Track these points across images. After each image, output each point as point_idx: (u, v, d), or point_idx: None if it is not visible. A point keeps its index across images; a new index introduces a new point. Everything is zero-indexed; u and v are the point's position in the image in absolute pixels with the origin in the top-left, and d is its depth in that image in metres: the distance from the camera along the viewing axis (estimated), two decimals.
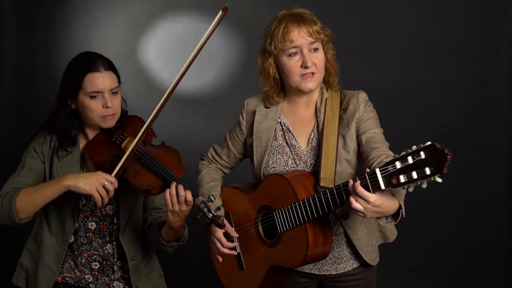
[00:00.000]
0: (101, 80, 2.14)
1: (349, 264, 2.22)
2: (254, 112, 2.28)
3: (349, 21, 3.89)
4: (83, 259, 2.25)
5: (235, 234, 2.18)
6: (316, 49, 2.11)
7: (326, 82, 2.23)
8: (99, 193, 2.02)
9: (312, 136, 2.20)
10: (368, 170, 1.86)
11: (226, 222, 2.13)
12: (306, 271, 2.23)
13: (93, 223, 2.24)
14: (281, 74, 2.19)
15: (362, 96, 2.18)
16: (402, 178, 1.74)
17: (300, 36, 2.09)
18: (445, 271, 4.03)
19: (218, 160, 2.40)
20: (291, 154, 2.21)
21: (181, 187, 2.03)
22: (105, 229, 2.25)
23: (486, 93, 4.00)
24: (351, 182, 1.85)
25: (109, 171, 2.09)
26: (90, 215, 2.22)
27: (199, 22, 4.04)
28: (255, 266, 2.24)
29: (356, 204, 1.84)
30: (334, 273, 2.22)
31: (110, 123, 2.19)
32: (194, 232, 2.35)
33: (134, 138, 2.15)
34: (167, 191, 2.04)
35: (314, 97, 2.22)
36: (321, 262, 2.20)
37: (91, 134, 2.25)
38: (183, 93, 4.09)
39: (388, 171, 1.77)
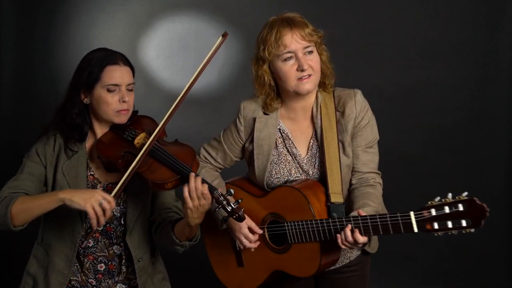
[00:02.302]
0: (119, 73, 2.14)
1: (346, 257, 2.23)
2: (253, 119, 2.24)
3: (349, 21, 3.89)
4: (88, 262, 2.22)
5: (259, 231, 2.17)
6: (310, 52, 2.10)
7: (321, 85, 2.20)
8: (94, 211, 1.96)
9: (311, 143, 2.19)
10: (361, 212, 1.96)
11: (247, 217, 2.15)
12: None
13: None
14: (276, 80, 2.17)
15: (358, 97, 2.16)
16: (436, 225, 1.80)
17: (293, 40, 2.07)
18: (444, 271, 4.02)
19: (212, 162, 2.36)
20: (294, 162, 2.20)
21: (199, 180, 1.99)
22: (111, 232, 2.21)
23: (486, 93, 4.00)
24: (349, 233, 1.94)
25: (120, 166, 2.07)
26: (85, 237, 2.15)
27: (199, 22, 4.04)
28: (256, 266, 2.25)
29: (347, 243, 1.97)
30: (332, 267, 2.22)
31: (124, 118, 2.17)
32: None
33: (147, 134, 2.13)
34: (186, 187, 1.99)
35: (311, 101, 2.20)
36: None
37: (99, 132, 2.21)
38: None
39: (423, 216, 1.82)
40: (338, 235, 1.97)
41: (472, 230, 1.77)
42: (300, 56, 2.08)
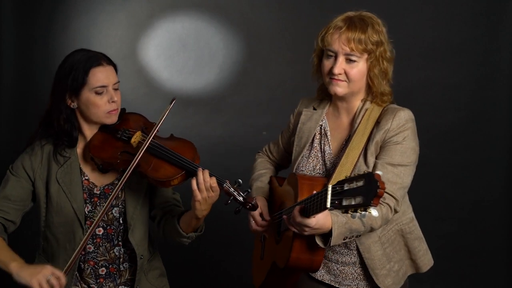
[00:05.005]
0: (105, 74, 2.09)
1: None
2: (301, 112, 2.25)
3: None
4: (89, 268, 2.18)
5: (267, 217, 2.20)
6: (352, 60, 2.02)
7: (373, 98, 2.13)
8: (41, 287, 1.88)
9: (343, 144, 2.13)
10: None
11: (264, 202, 2.18)
12: (326, 282, 2.17)
13: (101, 228, 2.17)
14: None
15: (401, 114, 2.06)
16: (344, 202, 1.57)
17: (337, 41, 2.02)
18: (444, 271, 4.02)
19: (269, 155, 2.45)
20: (321, 159, 2.16)
21: (207, 173, 1.98)
22: (113, 233, 2.18)
23: (486, 93, 4.00)
24: (295, 211, 1.85)
25: (120, 166, 2.05)
26: None
27: (199, 22, 4.04)
28: (266, 259, 2.27)
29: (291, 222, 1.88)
30: None
31: (115, 118, 2.14)
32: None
33: (141, 132, 2.12)
34: (194, 180, 1.98)
35: (354, 105, 2.13)
36: (342, 276, 2.14)
37: (89, 134, 2.16)
38: (183, 93, 4.09)
39: (336, 190, 1.60)
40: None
41: (374, 212, 1.47)
42: (339, 59, 2.02)
